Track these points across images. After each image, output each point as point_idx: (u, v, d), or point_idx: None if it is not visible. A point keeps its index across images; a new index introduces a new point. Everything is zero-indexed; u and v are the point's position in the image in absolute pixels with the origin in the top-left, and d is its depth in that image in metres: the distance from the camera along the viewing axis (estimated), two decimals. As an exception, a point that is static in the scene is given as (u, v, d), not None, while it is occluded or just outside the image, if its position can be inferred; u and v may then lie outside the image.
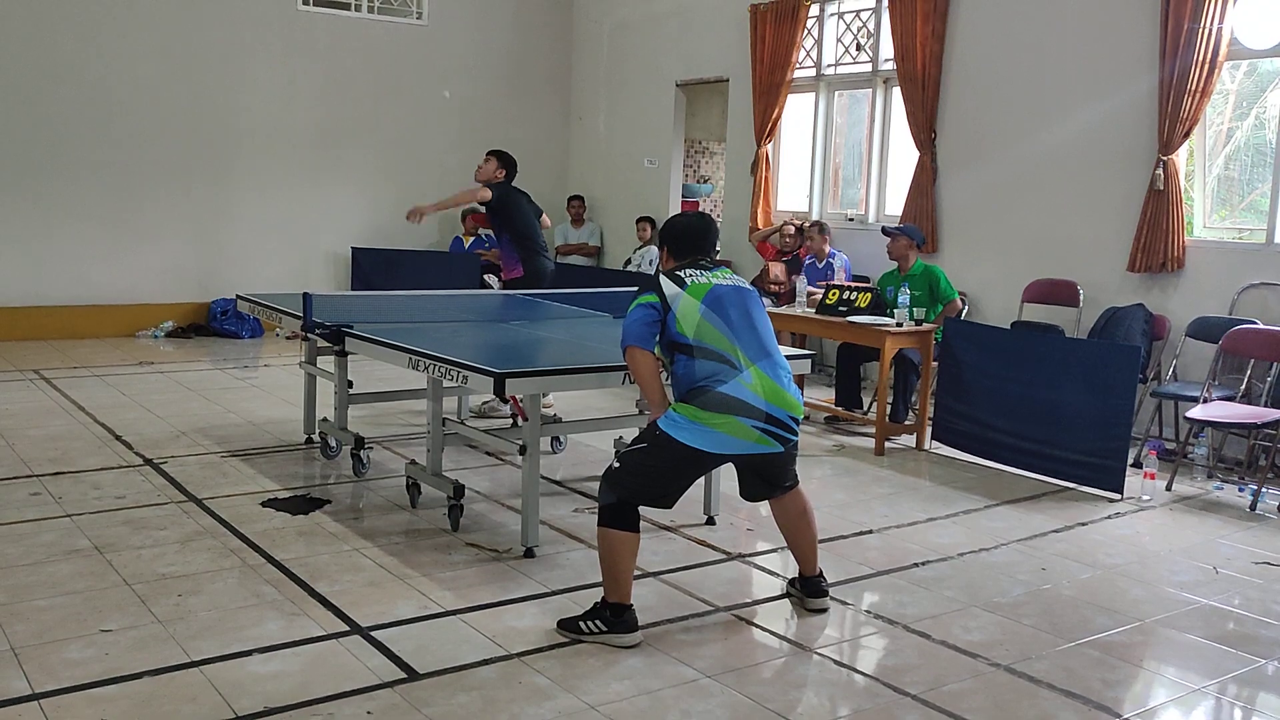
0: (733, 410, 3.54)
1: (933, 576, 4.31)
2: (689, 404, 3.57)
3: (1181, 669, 3.60)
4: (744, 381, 3.58)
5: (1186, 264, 6.65)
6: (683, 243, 3.91)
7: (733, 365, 3.59)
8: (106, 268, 9.46)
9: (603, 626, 3.53)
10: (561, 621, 3.61)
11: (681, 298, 3.66)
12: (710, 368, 3.58)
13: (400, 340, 4.67)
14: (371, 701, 3.08)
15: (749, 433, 3.56)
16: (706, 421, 3.53)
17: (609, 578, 3.58)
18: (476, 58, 11.03)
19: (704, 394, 3.56)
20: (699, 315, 3.63)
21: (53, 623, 3.52)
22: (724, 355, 3.60)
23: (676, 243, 3.92)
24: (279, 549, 4.30)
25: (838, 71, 9.07)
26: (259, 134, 10.02)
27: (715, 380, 3.56)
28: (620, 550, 3.56)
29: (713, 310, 3.65)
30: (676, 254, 3.90)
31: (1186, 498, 5.65)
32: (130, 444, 5.86)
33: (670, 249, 3.93)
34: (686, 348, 3.62)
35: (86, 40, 9.17)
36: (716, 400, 3.54)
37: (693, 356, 3.60)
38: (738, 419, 3.54)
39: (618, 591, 3.56)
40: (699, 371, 3.59)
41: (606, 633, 3.52)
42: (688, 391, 3.60)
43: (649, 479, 3.59)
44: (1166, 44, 6.54)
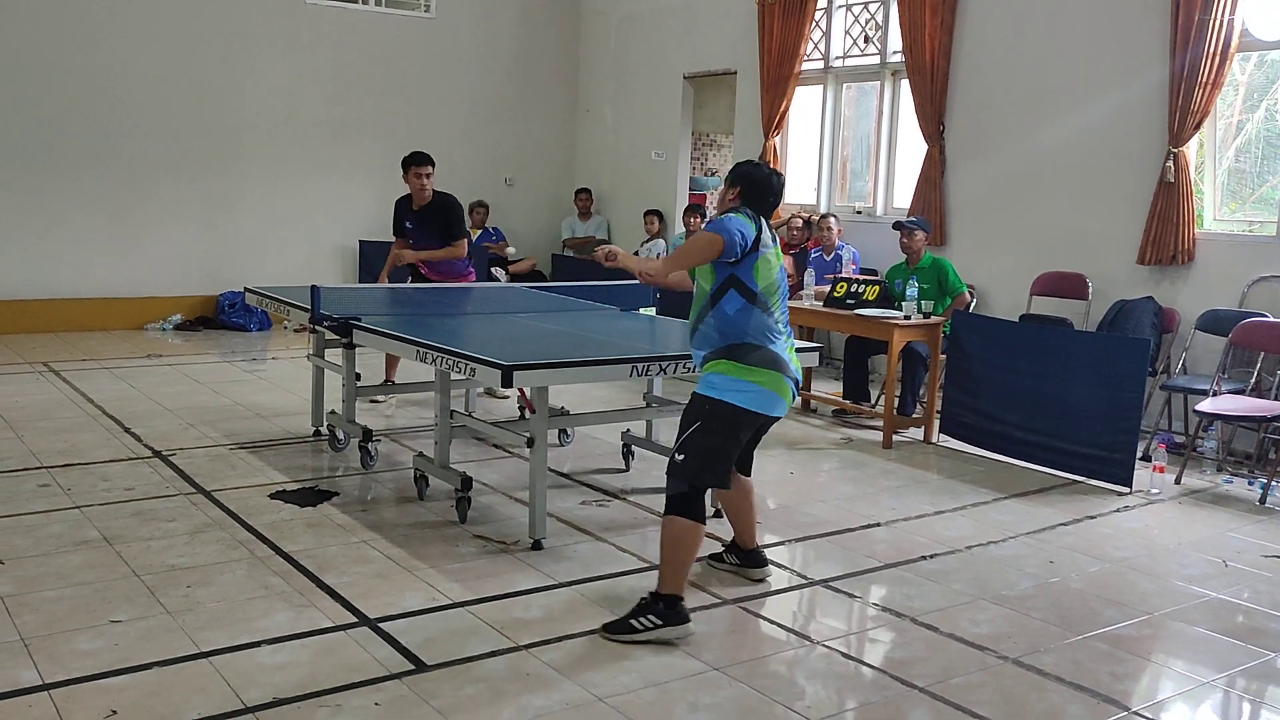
0: (778, 368, 3.56)
1: (941, 569, 4.31)
2: (732, 361, 3.53)
3: (1190, 662, 3.60)
4: (787, 345, 3.64)
5: (1196, 257, 6.62)
6: (762, 196, 3.74)
7: (782, 327, 3.63)
8: (114, 261, 9.48)
9: (657, 620, 3.44)
10: (609, 626, 3.50)
11: (771, 250, 3.62)
12: (766, 322, 3.57)
13: (408, 333, 4.67)
14: (379, 693, 3.08)
15: (787, 393, 3.59)
16: (755, 379, 3.52)
17: (670, 568, 3.51)
18: (483, 50, 11.02)
19: (754, 350, 3.54)
20: (774, 275, 3.61)
21: (62, 613, 3.53)
22: (775, 317, 3.61)
23: (756, 192, 3.74)
24: (287, 541, 4.31)
25: (846, 64, 9.04)
26: (266, 127, 10.02)
27: (766, 336, 3.56)
28: (686, 541, 3.51)
29: (780, 276, 3.66)
30: (747, 200, 3.73)
31: (1196, 491, 5.64)
32: (139, 436, 5.88)
33: (744, 192, 3.74)
34: (750, 293, 3.55)
35: (93, 34, 9.18)
36: (766, 357, 3.54)
37: (753, 304, 3.55)
38: (782, 377, 3.56)
39: (675, 583, 3.50)
40: (754, 323, 3.55)
41: (662, 626, 3.44)
42: (735, 346, 3.55)
43: (715, 458, 3.54)
44: (1177, 36, 6.51)
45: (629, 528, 4.66)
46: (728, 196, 3.79)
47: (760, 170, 3.81)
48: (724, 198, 3.81)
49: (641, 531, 4.61)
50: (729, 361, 3.55)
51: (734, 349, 3.55)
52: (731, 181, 3.80)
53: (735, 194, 3.76)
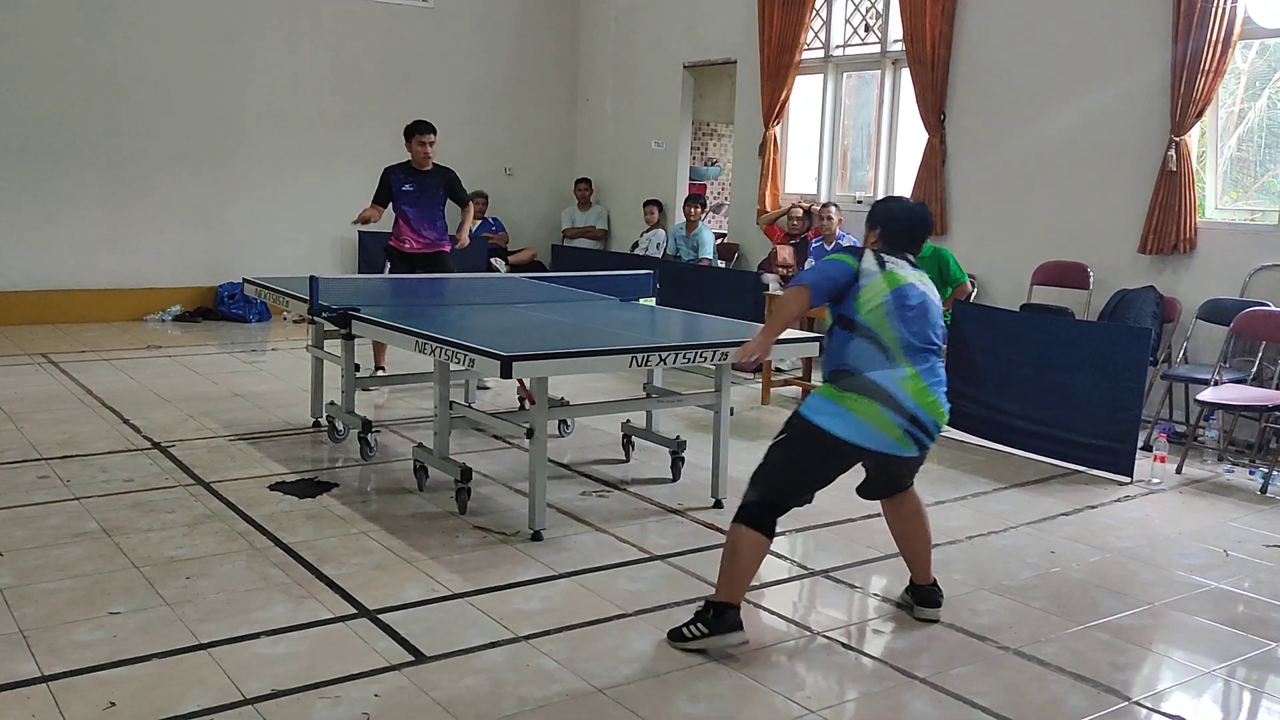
0: (876, 398, 3.39)
1: (941, 559, 4.29)
2: (833, 384, 3.46)
3: (1191, 652, 3.59)
4: (895, 376, 3.41)
5: (1198, 246, 6.60)
6: (899, 233, 3.66)
7: (888, 358, 3.42)
8: (113, 252, 9.46)
9: (704, 629, 3.35)
10: (670, 632, 3.43)
11: (875, 277, 3.48)
12: (866, 351, 3.43)
13: (407, 323, 4.66)
14: (379, 684, 3.08)
15: (892, 429, 3.40)
16: (848, 405, 3.40)
17: (728, 577, 3.41)
18: (483, 40, 10.98)
19: (850, 376, 3.43)
20: (880, 301, 3.45)
21: (61, 605, 3.52)
22: (884, 345, 3.43)
23: (892, 229, 3.66)
24: (286, 532, 4.30)
25: (846, 53, 9.00)
26: (266, 118, 9.99)
27: (866, 365, 3.42)
28: (749, 553, 3.40)
29: (895, 302, 3.46)
30: (887, 239, 3.65)
31: (1197, 481, 5.63)
32: (138, 427, 5.87)
33: (883, 233, 3.67)
34: (850, 323, 3.46)
35: (92, 25, 9.14)
36: (862, 384, 3.40)
37: (853, 334, 3.45)
38: (881, 408, 3.38)
39: (731, 592, 3.38)
40: (852, 352, 3.44)
41: (708, 635, 3.33)
42: (834, 371, 3.48)
43: (791, 472, 3.47)
44: (1179, 23, 6.48)
45: (629, 519, 4.65)
46: (868, 240, 3.72)
47: (899, 210, 3.73)
48: (867, 239, 3.75)
49: (641, 523, 4.60)
50: (827, 385, 3.49)
51: (834, 374, 3.48)
52: (870, 223, 3.73)
53: (876, 236, 3.69)
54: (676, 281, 7.55)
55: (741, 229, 9.80)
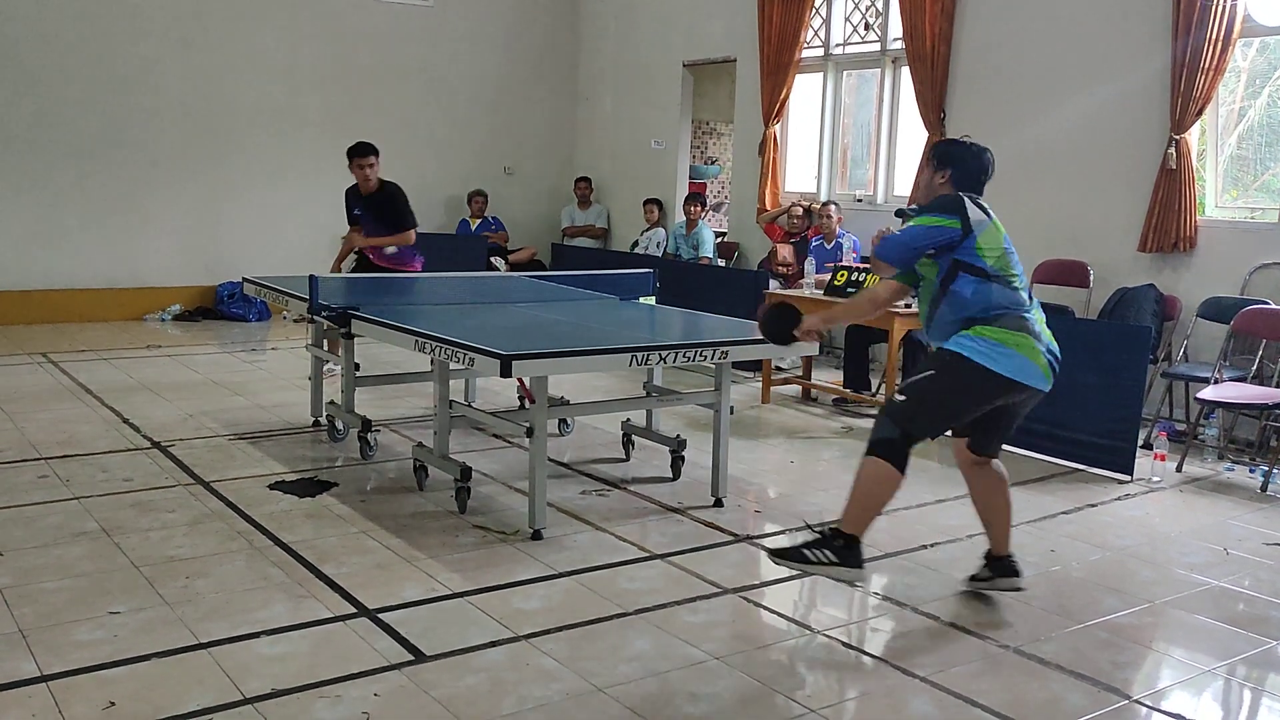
0: (1032, 334, 3.46)
1: (942, 558, 4.30)
2: (989, 325, 3.43)
3: (1191, 650, 3.59)
4: (1034, 315, 3.52)
5: (1198, 244, 6.59)
6: (972, 173, 3.62)
7: (1024, 298, 3.51)
8: (113, 251, 9.45)
9: (833, 557, 3.37)
10: (780, 550, 3.42)
11: (988, 225, 3.50)
12: (1011, 297, 3.47)
13: (407, 322, 4.66)
14: (379, 683, 3.08)
15: (1041, 361, 3.47)
16: (1007, 342, 3.41)
17: (859, 508, 3.44)
18: (482, 39, 10.97)
19: (1005, 316, 3.44)
20: (1002, 248, 3.49)
21: (61, 605, 3.52)
22: (1016, 287, 3.50)
23: (966, 170, 3.62)
24: (286, 531, 4.30)
25: (846, 51, 9.00)
26: (265, 116, 9.98)
27: (1017, 309, 3.47)
28: (884, 486, 3.42)
29: (1009, 246, 3.53)
30: (960, 182, 3.61)
31: (1197, 479, 5.62)
32: (138, 427, 5.86)
33: (955, 174, 3.62)
34: (979, 271, 3.45)
35: (91, 24, 9.13)
36: (1020, 323, 3.45)
37: (988, 281, 3.45)
38: (1035, 343, 3.46)
39: (859, 524, 3.43)
40: (997, 297, 3.45)
41: (837, 565, 3.37)
42: (984, 315, 3.45)
43: (944, 409, 3.49)
44: (1179, 21, 6.47)
45: (629, 517, 4.65)
46: (937, 180, 3.64)
47: (970, 152, 3.66)
48: (932, 181, 3.65)
49: (642, 522, 4.60)
50: (979, 325, 3.44)
51: (979, 320, 3.45)
52: (940, 164, 3.65)
53: (946, 177, 3.62)
54: (676, 280, 7.54)
55: (741, 227, 9.79)
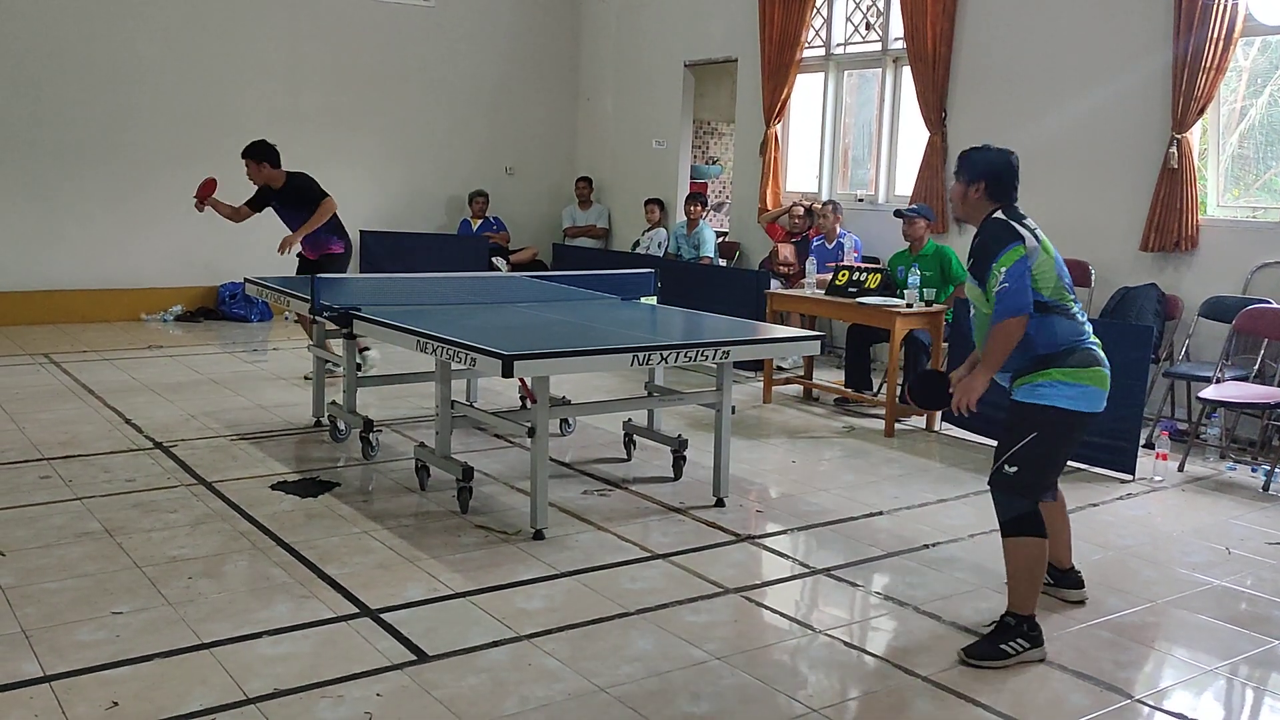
0: (1099, 362, 3.43)
1: (943, 558, 4.30)
2: (1062, 366, 3.38)
3: (1193, 650, 3.59)
4: (1095, 340, 3.47)
5: (1200, 243, 6.59)
6: (1005, 181, 3.49)
7: (1081, 325, 3.45)
8: (115, 252, 9.46)
9: (1026, 644, 3.35)
10: (973, 650, 3.34)
11: (1039, 252, 3.39)
12: (1073, 327, 3.42)
13: (409, 323, 4.66)
14: (381, 683, 3.08)
15: (1108, 384, 3.45)
16: (1088, 380, 3.39)
17: (1029, 589, 3.39)
18: (483, 39, 10.98)
19: (1075, 352, 3.40)
20: (1054, 278, 3.40)
21: (63, 605, 3.53)
22: (1075, 315, 3.43)
23: (998, 180, 3.48)
24: (288, 532, 4.30)
25: (847, 51, 9.00)
26: (266, 117, 9.96)
27: (1081, 339, 3.42)
28: (1039, 557, 3.41)
29: (1060, 270, 3.43)
30: (995, 194, 3.49)
31: (1199, 478, 5.62)
32: (140, 427, 5.87)
33: (989, 186, 3.49)
34: (1041, 305, 3.37)
35: (90, 24, 9.14)
36: (1089, 357, 3.41)
37: (1048, 313, 3.38)
38: (1105, 370, 3.44)
39: (1033, 603, 3.40)
40: (1062, 331, 3.40)
41: (1030, 649, 3.36)
42: (1052, 354, 3.39)
43: (1050, 463, 3.46)
44: (1180, 20, 6.47)
45: (631, 517, 4.65)
46: (971, 194, 3.52)
47: (997, 158, 3.54)
48: (966, 195, 3.53)
49: (644, 522, 4.60)
50: (1055, 369, 3.39)
51: (1052, 358, 3.40)
52: (971, 176, 3.53)
53: (980, 190, 3.50)
54: (678, 280, 7.54)
55: (742, 227, 9.79)
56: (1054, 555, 3.75)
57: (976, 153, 3.59)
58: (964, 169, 3.56)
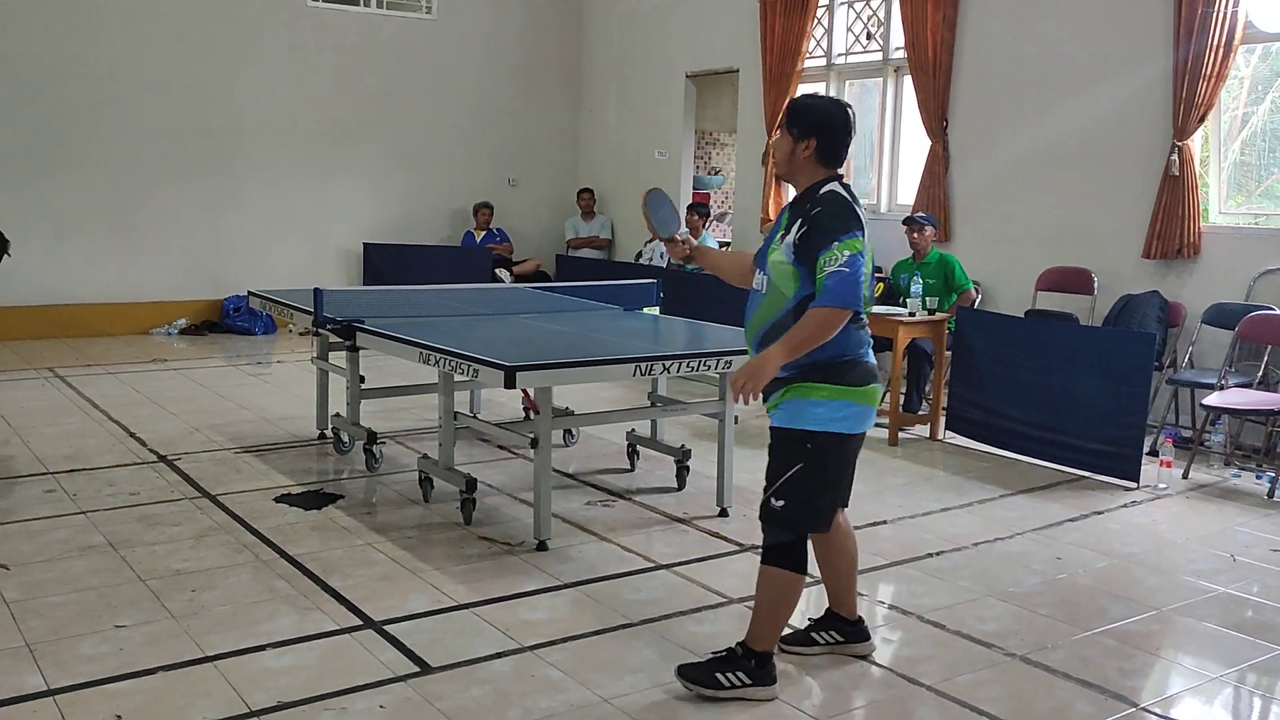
0: (875, 377, 3.13)
1: (947, 566, 4.29)
2: (838, 382, 3.03)
3: (1199, 658, 3.58)
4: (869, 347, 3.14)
5: (1202, 250, 6.59)
6: (839, 141, 3.08)
7: (865, 334, 3.13)
8: (119, 266, 9.50)
9: (747, 679, 3.08)
10: (687, 671, 3.12)
11: (867, 254, 3.01)
12: (861, 338, 3.10)
13: (412, 335, 4.67)
14: (384, 695, 3.08)
15: (878, 400, 3.17)
16: (862, 399, 3.07)
17: (768, 623, 3.14)
18: (486, 51, 11.02)
19: (856, 366, 3.07)
20: (868, 282, 3.08)
21: (67, 619, 3.53)
22: (864, 324, 3.11)
23: (832, 138, 3.07)
24: (292, 544, 4.30)
25: (848, 61, 9.02)
26: (269, 130, 10.03)
27: (862, 350, 3.10)
28: (790, 594, 3.13)
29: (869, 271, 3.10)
30: (826, 155, 3.08)
31: (1203, 485, 5.61)
32: (144, 440, 5.88)
33: (820, 145, 3.06)
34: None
35: (95, 37, 9.19)
36: (866, 372, 3.09)
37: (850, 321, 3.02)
38: (878, 386, 3.15)
39: (769, 640, 3.15)
40: (852, 341, 3.05)
41: (751, 686, 3.08)
42: (834, 364, 3.02)
43: (826, 496, 3.14)
44: (1180, 28, 6.48)
45: (634, 528, 4.65)
46: (799, 152, 3.09)
47: (830, 108, 3.14)
48: (794, 152, 3.10)
49: (647, 532, 4.60)
50: (827, 385, 3.03)
51: (829, 369, 3.02)
52: (802, 131, 3.08)
53: (811, 148, 3.07)
54: (680, 291, 7.55)
55: (745, 238, 9.80)
56: (838, 601, 3.43)
57: (809, 103, 3.19)
58: (794, 121, 3.12)
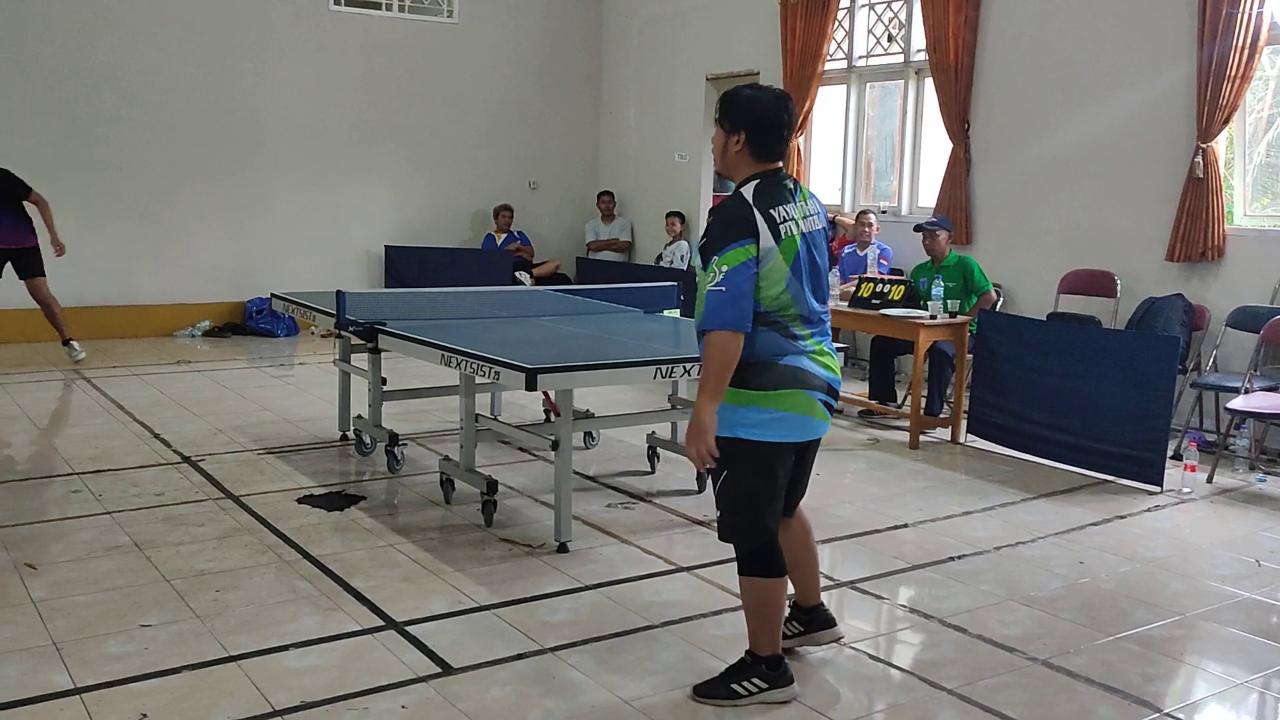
0: (799, 382, 3.00)
1: (969, 570, 4.27)
2: (749, 386, 2.96)
3: (1223, 663, 3.55)
4: (804, 350, 3.02)
5: (1226, 253, 6.54)
6: (772, 134, 3.00)
7: (794, 336, 3.01)
8: (144, 268, 9.58)
9: (763, 684, 3.10)
10: (701, 689, 3.13)
11: (774, 255, 2.91)
12: (772, 341, 2.98)
13: (433, 337, 4.69)
14: (406, 695, 3.09)
15: (815, 408, 3.03)
16: (770, 404, 2.97)
17: (762, 629, 3.13)
18: (507, 54, 11.06)
19: (765, 370, 2.97)
20: (784, 283, 2.95)
21: (93, 618, 3.57)
22: (789, 327, 2.99)
23: (764, 132, 2.99)
24: (315, 545, 4.33)
25: (869, 63, 9.00)
26: (293, 133, 10.10)
27: (776, 354, 2.98)
28: (771, 597, 3.11)
29: (795, 278, 2.96)
30: (758, 149, 3.00)
31: (1228, 490, 5.56)
32: (168, 442, 5.93)
33: (750, 137, 3.00)
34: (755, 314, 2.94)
35: (122, 42, 9.28)
36: (781, 376, 2.98)
37: (756, 326, 2.94)
38: (805, 393, 3.01)
39: (771, 643, 3.13)
40: (763, 344, 2.96)
41: (769, 690, 3.10)
42: (742, 367, 2.94)
43: (757, 503, 3.05)
44: (1205, 29, 6.43)
45: (655, 530, 4.65)
46: (731, 146, 3.03)
47: (760, 99, 3.04)
48: (726, 147, 3.05)
49: (667, 534, 4.60)
50: (744, 388, 2.96)
51: (739, 372, 2.94)
52: (732, 124, 3.02)
53: (741, 141, 3.02)
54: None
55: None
56: (799, 591, 3.42)
57: (740, 94, 3.09)
58: (725, 114, 3.05)
